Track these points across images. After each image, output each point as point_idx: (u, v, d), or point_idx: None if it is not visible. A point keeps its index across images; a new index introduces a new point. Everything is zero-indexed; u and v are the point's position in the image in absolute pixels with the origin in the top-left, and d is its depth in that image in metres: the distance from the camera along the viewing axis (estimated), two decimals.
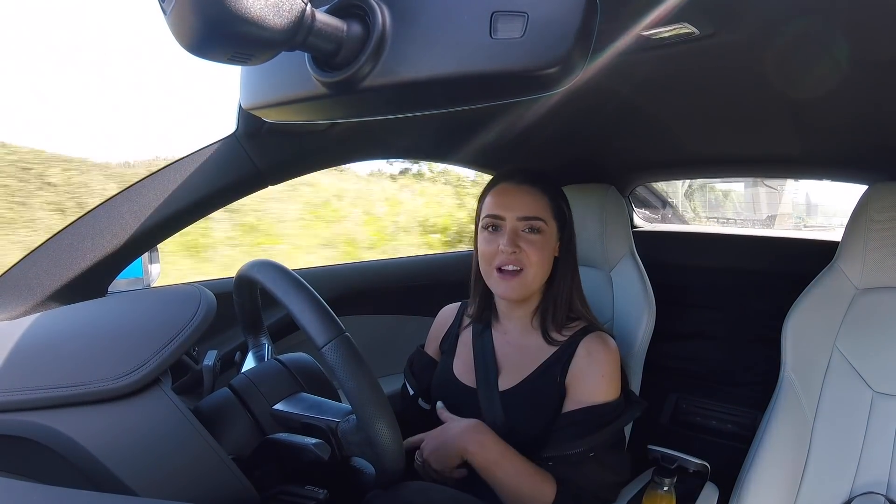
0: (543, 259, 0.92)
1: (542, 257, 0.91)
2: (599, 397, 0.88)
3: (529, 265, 0.90)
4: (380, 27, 0.38)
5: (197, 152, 0.89)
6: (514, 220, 0.91)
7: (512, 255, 0.90)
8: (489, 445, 0.86)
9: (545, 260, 0.92)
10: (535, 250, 0.90)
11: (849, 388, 1.01)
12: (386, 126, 1.08)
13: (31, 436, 0.57)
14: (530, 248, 0.90)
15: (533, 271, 0.91)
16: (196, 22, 0.31)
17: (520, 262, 0.90)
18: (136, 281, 0.94)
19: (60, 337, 0.67)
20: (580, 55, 0.34)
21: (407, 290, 1.57)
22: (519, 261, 0.90)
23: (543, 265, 0.92)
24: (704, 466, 1.13)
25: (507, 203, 0.92)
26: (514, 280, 0.91)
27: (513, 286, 0.91)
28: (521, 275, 0.91)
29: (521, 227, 0.91)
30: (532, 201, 0.92)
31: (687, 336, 1.66)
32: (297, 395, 0.78)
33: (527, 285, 0.92)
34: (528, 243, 0.91)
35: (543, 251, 0.91)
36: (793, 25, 0.60)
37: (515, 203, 0.91)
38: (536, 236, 0.91)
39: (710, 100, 0.89)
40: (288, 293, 0.66)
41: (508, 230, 0.91)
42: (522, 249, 0.90)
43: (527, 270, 0.91)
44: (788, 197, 4.11)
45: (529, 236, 0.91)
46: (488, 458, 0.85)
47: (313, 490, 0.71)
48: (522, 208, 0.91)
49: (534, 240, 0.91)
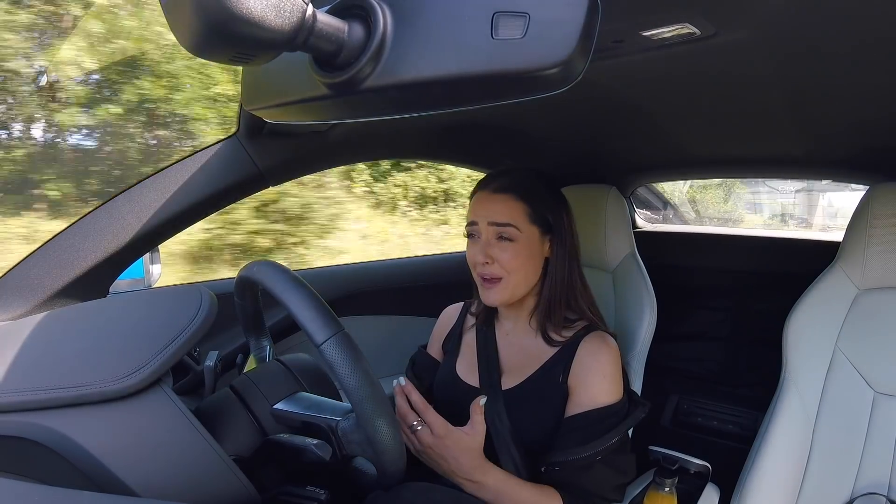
0: (522, 264, 0.91)
1: (519, 264, 0.91)
2: (603, 399, 0.88)
3: (507, 273, 0.91)
4: (381, 28, 0.38)
5: (198, 152, 0.89)
6: (486, 226, 0.92)
7: (486, 266, 0.91)
8: (487, 486, 0.83)
9: (525, 265, 0.92)
10: (508, 258, 0.90)
11: (850, 388, 1.01)
12: (387, 127, 1.08)
13: (32, 436, 0.57)
14: (503, 255, 0.90)
15: (514, 278, 0.91)
16: (197, 22, 0.31)
17: (495, 272, 0.91)
18: (138, 281, 0.94)
19: (61, 337, 0.67)
20: (582, 56, 0.34)
21: (409, 290, 1.57)
22: (495, 271, 0.91)
23: (524, 270, 0.92)
24: (706, 467, 1.13)
25: (479, 210, 0.93)
26: (494, 287, 0.92)
27: (494, 293, 0.92)
28: (502, 283, 0.91)
29: (493, 234, 0.91)
30: (503, 208, 0.91)
31: (688, 337, 1.66)
32: (297, 395, 0.78)
33: (508, 291, 0.92)
34: (501, 251, 0.91)
35: (519, 257, 0.91)
36: (794, 25, 0.59)
37: (487, 210, 0.92)
38: (508, 244, 0.91)
39: (711, 100, 0.89)
40: (286, 291, 0.67)
41: (483, 239, 0.92)
42: (496, 259, 0.91)
43: (506, 278, 0.91)
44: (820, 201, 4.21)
45: (501, 244, 0.91)
46: (486, 496, 0.83)
47: (314, 491, 0.71)
48: (493, 214, 0.91)
49: (506, 247, 0.91)
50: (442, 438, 0.82)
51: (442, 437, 0.82)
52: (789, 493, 0.99)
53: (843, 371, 1.02)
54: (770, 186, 4.32)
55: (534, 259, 0.93)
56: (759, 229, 2.96)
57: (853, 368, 1.01)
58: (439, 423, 0.83)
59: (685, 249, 1.70)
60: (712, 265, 1.63)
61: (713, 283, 1.63)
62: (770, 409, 1.05)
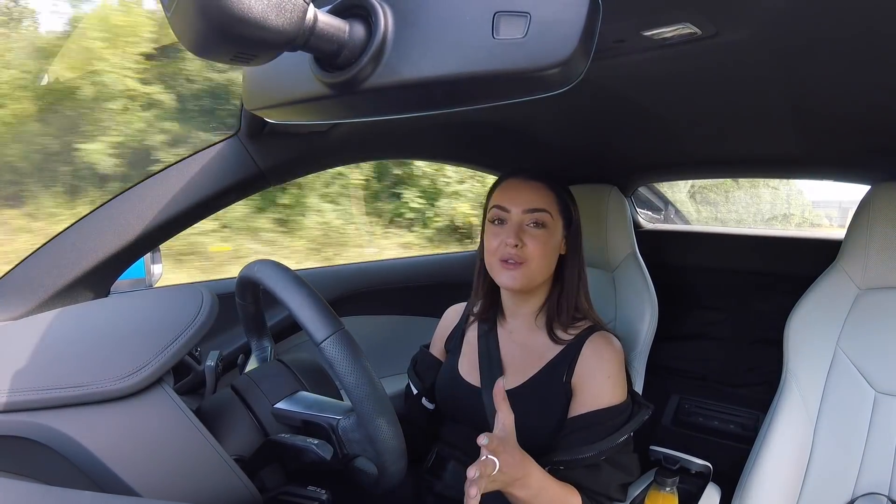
0: (546, 253, 0.92)
1: (545, 251, 0.92)
2: (607, 399, 0.88)
3: (532, 259, 0.91)
4: (382, 27, 0.38)
5: (199, 152, 0.89)
6: (519, 213, 0.92)
7: (514, 249, 0.91)
8: (532, 477, 0.79)
9: (548, 255, 0.93)
10: (538, 244, 0.91)
11: (851, 388, 1.01)
12: (388, 127, 1.08)
13: (34, 436, 0.57)
14: (533, 242, 0.91)
15: (535, 264, 0.92)
16: (198, 23, 0.31)
17: (522, 256, 0.91)
18: (139, 281, 0.94)
19: (63, 337, 0.67)
20: (582, 56, 0.34)
21: (410, 290, 1.57)
22: (521, 255, 0.91)
23: (546, 259, 0.93)
24: (707, 467, 1.13)
25: (513, 196, 0.93)
26: (517, 270, 0.92)
27: (516, 276, 0.92)
28: (525, 266, 0.92)
29: (526, 220, 0.92)
30: (538, 195, 0.93)
31: (690, 337, 1.66)
32: (298, 394, 0.78)
33: (530, 276, 0.92)
34: (532, 237, 0.91)
35: (547, 245, 0.92)
36: (795, 25, 0.59)
37: (521, 197, 0.93)
38: (540, 230, 0.92)
39: (712, 100, 0.89)
40: (287, 291, 0.67)
41: (514, 223, 0.92)
42: (525, 244, 0.91)
43: (529, 263, 0.91)
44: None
45: (533, 230, 0.92)
46: (527, 494, 0.79)
47: (315, 490, 0.72)
48: (528, 201, 0.92)
49: (537, 234, 0.92)
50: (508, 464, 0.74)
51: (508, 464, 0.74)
52: (790, 492, 0.99)
53: (844, 371, 1.02)
54: None
55: (555, 251, 0.95)
56: (760, 228, 2.95)
57: (854, 368, 1.01)
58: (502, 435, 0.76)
59: (687, 249, 1.69)
60: (714, 265, 1.63)
61: (715, 283, 1.63)
62: (771, 408, 1.05)
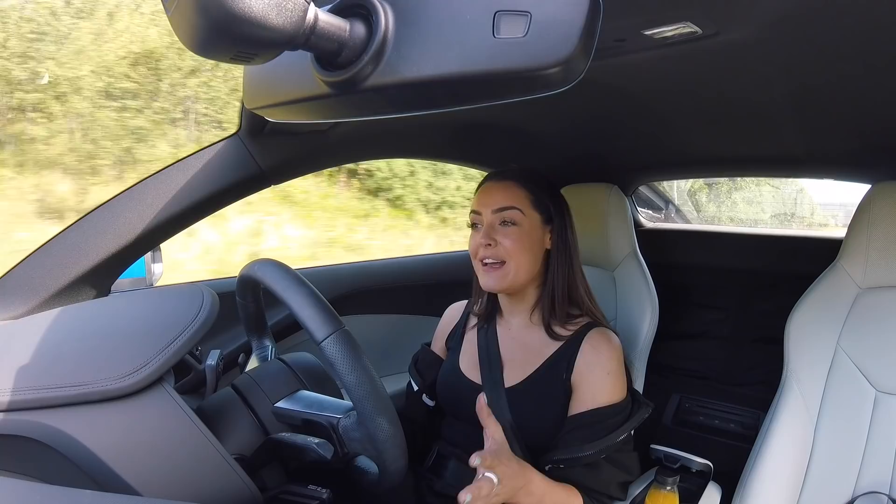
0: (523, 250, 0.92)
1: (521, 248, 0.92)
2: (607, 396, 0.88)
3: (510, 257, 0.92)
4: (382, 26, 0.38)
5: (200, 152, 0.89)
6: (489, 214, 0.93)
7: (489, 249, 0.92)
8: (534, 484, 0.81)
9: (526, 251, 0.93)
10: (511, 241, 0.92)
11: (852, 387, 1.01)
12: (388, 126, 1.08)
13: (34, 435, 0.57)
14: (506, 240, 0.92)
15: (514, 264, 0.92)
16: (199, 21, 0.31)
17: (498, 255, 0.92)
18: (139, 280, 0.94)
19: (63, 336, 0.67)
20: (583, 55, 0.34)
21: (411, 289, 1.57)
22: (497, 254, 0.92)
23: (525, 256, 0.93)
24: (707, 466, 1.13)
25: (485, 199, 0.95)
26: (496, 272, 0.93)
27: (494, 278, 0.93)
28: (504, 267, 0.92)
29: (496, 220, 0.93)
30: (506, 194, 0.93)
31: (690, 336, 1.66)
32: (298, 393, 0.78)
33: (509, 277, 0.93)
34: (504, 236, 0.92)
35: (521, 242, 0.92)
36: (795, 25, 0.59)
37: (491, 198, 0.94)
38: (511, 228, 0.92)
39: (712, 99, 0.89)
40: (287, 290, 0.67)
41: (486, 225, 0.94)
42: (499, 242, 0.92)
43: (508, 263, 0.92)
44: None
45: (504, 229, 0.93)
46: (532, 501, 0.81)
47: (316, 490, 0.72)
48: (496, 201, 0.93)
49: (509, 231, 0.92)
50: (510, 475, 0.76)
51: (510, 476, 0.76)
52: (791, 491, 0.99)
53: (844, 370, 1.02)
54: None
55: (535, 247, 0.94)
56: (761, 227, 2.95)
57: (855, 367, 1.01)
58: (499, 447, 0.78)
59: (687, 248, 1.69)
60: (714, 264, 1.63)
61: (715, 282, 1.63)
62: (772, 407, 1.05)
